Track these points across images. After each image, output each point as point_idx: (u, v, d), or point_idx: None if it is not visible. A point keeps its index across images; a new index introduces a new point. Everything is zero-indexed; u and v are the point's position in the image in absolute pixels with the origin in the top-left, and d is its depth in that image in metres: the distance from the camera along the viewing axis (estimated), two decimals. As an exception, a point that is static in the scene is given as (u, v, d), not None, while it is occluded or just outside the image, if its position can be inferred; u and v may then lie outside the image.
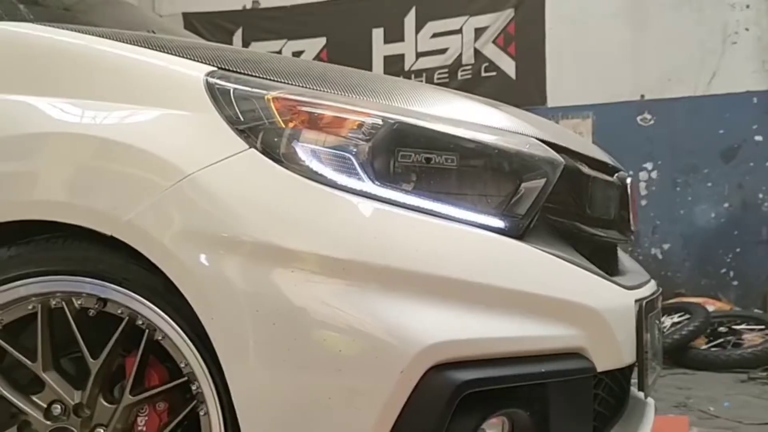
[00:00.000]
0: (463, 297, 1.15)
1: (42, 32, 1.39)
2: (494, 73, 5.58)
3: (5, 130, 1.26)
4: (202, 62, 1.32)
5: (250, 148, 1.19)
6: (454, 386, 1.09)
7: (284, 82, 1.30)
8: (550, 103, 5.47)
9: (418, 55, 5.73)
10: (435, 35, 5.69)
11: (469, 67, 5.60)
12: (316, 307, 1.10)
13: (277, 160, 1.18)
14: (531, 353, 1.20)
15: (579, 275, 1.28)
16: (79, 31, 1.41)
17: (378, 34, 5.80)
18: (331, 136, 1.22)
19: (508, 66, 5.57)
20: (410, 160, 1.22)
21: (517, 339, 1.18)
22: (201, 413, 1.19)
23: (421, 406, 1.09)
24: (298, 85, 1.30)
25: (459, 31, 5.62)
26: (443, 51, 5.66)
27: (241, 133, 1.20)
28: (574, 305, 1.24)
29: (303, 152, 1.20)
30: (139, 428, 1.24)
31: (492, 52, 5.59)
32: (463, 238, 1.19)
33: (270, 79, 1.29)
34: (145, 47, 1.37)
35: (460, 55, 5.62)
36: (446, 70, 5.63)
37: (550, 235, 1.34)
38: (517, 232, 1.24)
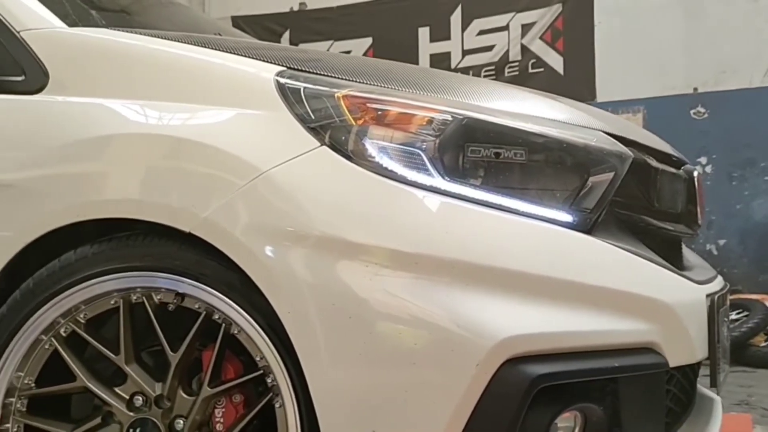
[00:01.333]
0: (534, 291, 1.16)
1: (118, 37, 1.44)
2: (541, 69, 5.53)
3: (88, 132, 1.31)
4: (271, 63, 1.35)
5: (322, 145, 1.21)
6: (530, 380, 1.09)
7: (352, 80, 1.32)
8: (600, 98, 5.39)
9: (465, 52, 5.71)
10: (481, 32, 5.66)
11: (516, 63, 5.56)
12: (391, 301, 1.12)
13: (348, 157, 1.20)
14: (604, 348, 1.19)
15: (650, 270, 1.27)
16: (152, 35, 1.45)
17: (424, 32, 5.80)
18: (401, 133, 1.23)
19: (556, 61, 5.52)
20: (479, 155, 1.23)
21: (591, 333, 1.17)
22: (276, 405, 1.22)
23: (496, 400, 1.10)
24: (366, 83, 1.32)
25: (505, 28, 5.59)
26: (490, 48, 5.63)
27: (312, 130, 1.23)
28: (647, 300, 1.23)
29: (373, 149, 1.21)
30: (217, 420, 1.27)
31: (539, 47, 5.54)
32: (534, 232, 1.20)
33: (338, 78, 1.32)
34: (215, 49, 1.40)
35: (507, 51, 5.59)
36: (493, 67, 5.60)
37: (618, 229, 1.34)
38: (586, 226, 1.24)
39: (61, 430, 1.30)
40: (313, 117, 1.24)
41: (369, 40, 5.95)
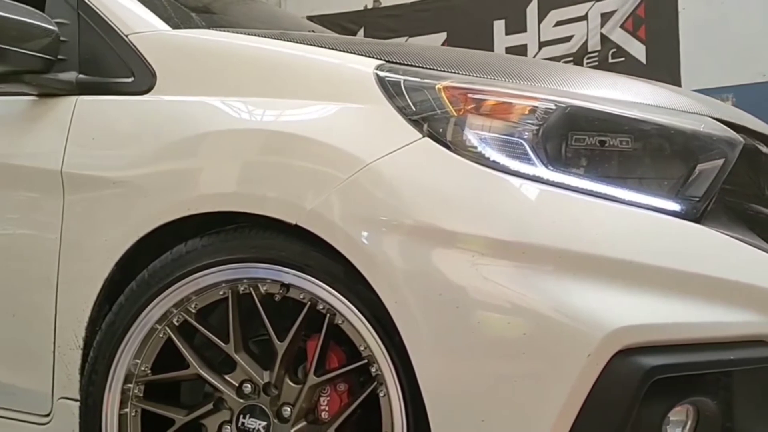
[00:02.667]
0: (643, 281, 1.13)
1: (220, 37, 1.49)
2: (623, 59, 5.38)
3: (196, 129, 1.36)
4: (369, 57, 1.37)
5: (424, 137, 1.22)
6: (643, 371, 1.07)
7: (451, 72, 1.32)
8: (685, 86, 5.19)
9: (541, 44, 5.62)
10: (558, 23, 5.55)
11: (596, 53, 5.43)
12: (498, 291, 1.12)
13: (450, 148, 1.21)
14: (717, 340, 1.16)
15: (762, 259, 1.22)
16: (251, 34, 1.50)
17: (499, 26, 5.74)
18: (502, 122, 1.23)
19: (638, 50, 5.36)
20: (583, 143, 1.21)
21: (703, 325, 1.14)
22: (380, 395, 1.23)
23: (608, 392, 1.08)
24: (465, 74, 1.32)
25: (584, 18, 5.46)
26: (568, 39, 5.52)
27: (413, 122, 1.24)
28: (759, 291, 1.18)
29: (474, 139, 1.22)
30: (322, 408, 1.30)
31: (620, 36, 5.39)
32: (641, 221, 1.17)
33: (437, 70, 1.32)
34: (313, 46, 1.43)
35: (586, 42, 5.46)
36: (571, 58, 5.48)
37: (728, 217, 1.29)
38: (694, 215, 1.20)
39: (175, 414, 1.35)
40: (413, 109, 1.25)
41: (443, 35, 5.93)
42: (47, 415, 1.51)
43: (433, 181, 1.19)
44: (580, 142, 1.21)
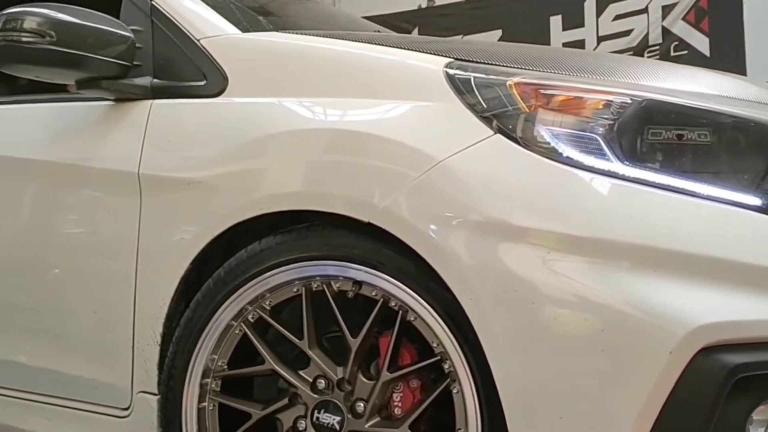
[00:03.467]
0: (723, 277, 1.10)
1: (289, 39, 1.52)
2: (685, 52, 5.23)
3: (268, 129, 1.39)
4: (437, 55, 1.37)
5: (496, 133, 1.22)
6: (727, 369, 1.05)
7: (520, 68, 1.32)
8: (751, 78, 5.03)
9: (600, 39, 5.51)
10: (618, 17, 5.44)
11: (657, 47, 5.30)
12: (575, 288, 1.11)
13: (522, 144, 1.20)
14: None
15: None
16: (319, 35, 1.52)
17: (556, 21, 5.65)
18: (575, 118, 1.22)
19: (701, 43, 5.20)
20: (660, 137, 1.19)
21: (789, 322, 1.10)
22: (454, 391, 1.23)
23: (690, 390, 1.06)
24: (535, 70, 1.31)
25: (644, 11, 5.34)
26: (627, 33, 5.40)
27: (484, 119, 1.24)
28: None
29: (547, 135, 1.21)
30: (395, 404, 1.31)
31: (682, 29, 5.24)
32: (722, 216, 1.15)
33: (507, 66, 1.32)
34: (381, 45, 1.45)
35: (647, 35, 5.33)
36: (631, 52, 5.36)
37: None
38: (776, 209, 1.17)
39: (252, 409, 1.39)
40: (485, 106, 1.25)
41: (498, 33, 5.88)
42: (127, 409, 1.56)
43: (506, 178, 1.19)
44: (656, 137, 1.19)
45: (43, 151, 1.78)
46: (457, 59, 1.35)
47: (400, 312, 1.28)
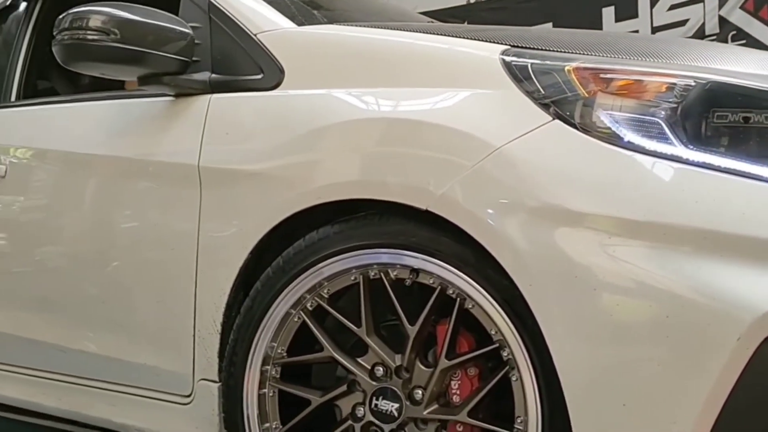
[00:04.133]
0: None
1: (344, 31, 1.53)
2: (744, 42, 5.06)
3: (325, 120, 1.41)
4: (493, 43, 1.36)
5: (554, 119, 1.21)
6: (799, 358, 1.02)
7: (578, 53, 1.30)
8: (814, 67, 4.84)
9: (654, 30, 5.38)
10: (672, 7, 5.30)
11: (714, 36, 5.15)
12: (638, 274, 1.09)
13: (582, 129, 1.19)
14: None
15: None
16: (373, 27, 1.53)
17: (608, 12, 5.54)
18: (636, 102, 1.20)
19: (761, 32, 5.03)
20: (726, 120, 1.16)
21: None
22: (513, 379, 1.23)
23: (758, 378, 1.03)
24: (593, 55, 1.30)
25: (700, 0, 5.20)
26: (683, 23, 5.26)
27: (542, 105, 1.23)
28: None
29: (607, 119, 1.19)
30: (453, 392, 1.31)
31: (740, 18, 5.08)
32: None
33: (564, 52, 1.30)
34: (434, 34, 1.45)
35: (703, 25, 5.18)
36: (687, 42, 5.24)
37: None
38: None
39: (311, 395, 1.41)
40: (543, 92, 1.24)
41: (549, 26, 5.80)
42: (189, 396, 1.60)
43: (564, 163, 1.18)
44: (722, 120, 1.16)
45: (106, 147, 1.83)
46: (513, 46, 1.34)
47: (458, 300, 1.28)
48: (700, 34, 5.24)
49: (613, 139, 1.17)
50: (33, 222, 2.02)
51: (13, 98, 2.26)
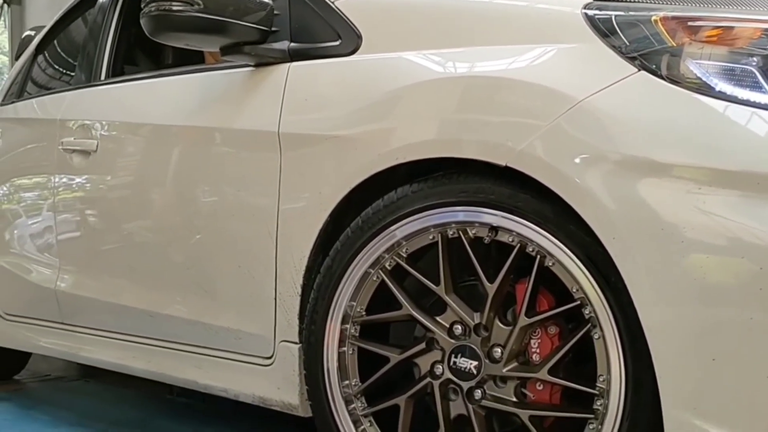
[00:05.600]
0: None
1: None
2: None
3: (402, 82, 1.42)
4: (573, -3, 1.34)
5: (640, 70, 1.18)
6: None
7: (662, 3, 1.26)
8: None
9: None
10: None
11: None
12: (729, 226, 1.05)
13: (670, 80, 1.16)
14: None
15: None
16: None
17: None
18: (727, 50, 1.16)
19: None
20: (824, 67, 1.10)
21: None
22: (594, 337, 1.21)
23: None
24: (680, 4, 1.26)
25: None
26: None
27: (627, 57, 1.20)
28: None
29: (697, 69, 1.15)
30: (533, 351, 1.30)
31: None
32: None
33: (647, 2, 1.27)
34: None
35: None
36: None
37: None
38: None
39: (390, 353, 1.42)
40: (628, 44, 1.21)
41: None
42: (270, 357, 1.65)
43: (650, 115, 1.15)
44: (819, 66, 1.10)
45: (188, 118, 1.90)
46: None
47: (538, 257, 1.26)
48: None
49: (704, 89, 1.13)
50: (122, 193, 2.12)
51: (102, 78, 2.37)
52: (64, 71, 2.74)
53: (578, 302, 1.23)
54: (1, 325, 2.68)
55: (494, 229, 1.30)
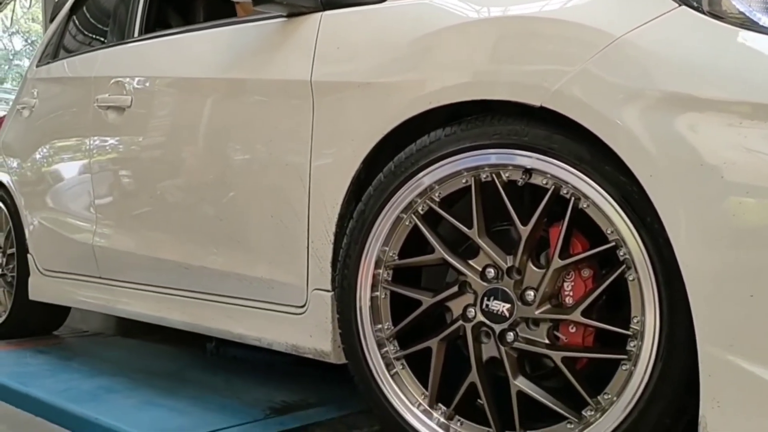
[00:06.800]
0: None
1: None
2: None
3: (431, 26, 1.41)
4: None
5: (681, 5, 1.15)
6: None
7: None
8: None
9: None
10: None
11: None
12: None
13: (713, 16, 1.13)
14: None
15: None
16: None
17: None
18: (771, -18, 1.12)
19: None
20: None
21: None
22: (629, 279, 1.20)
23: None
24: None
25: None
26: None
27: (667, -6, 1.17)
28: None
29: (740, 4, 1.12)
30: (566, 293, 1.30)
31: None
32: None
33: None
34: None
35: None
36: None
37: None
38: None
39: (423, 296, 1.43)
40: (668, -22, 1.18)
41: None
42: (302, 306, 1.67)
43: (691, 50, 1.12)
44: None
45: (221, 70, 1.91)
46: None
47: (572, 199, 1.25)
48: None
49: (747, 24, 1.10)
50: (156, 146, 2.15)
51: (135, 35, 2.39)
52: (98, 31, 2.77)
53: (613, 244, 1.22)
54: (41, 280, 2.75)
55: (528, 171, 1.29)
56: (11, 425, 1.97)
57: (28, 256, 2.82)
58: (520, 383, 1.31)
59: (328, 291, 1.59)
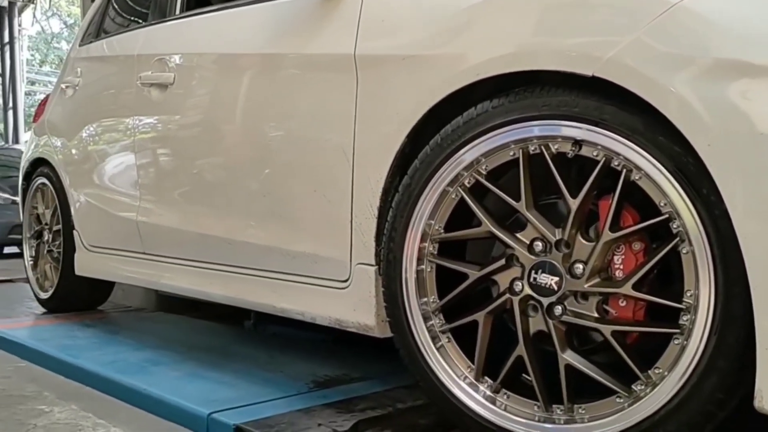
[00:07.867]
0: None
1: None
2: None
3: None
4: None
5: (737, -30, 1.11)
6: None
7: None
8: None
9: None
10: None
11: None
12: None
13: (770, -21, 1.09)
14: None
15: None
16: None
17: None
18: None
19: None
20: None
21: None
22: (683, 252, 1.18)
23: None
24: None
25: None
26: None
27: (726, -41, 1.13)
28: None
29: (800, -33, 1.08)
30: (616, 267, 1.28)
31: None
32: None
33: None
34: None
35: None
36: None
37: None
38: None
39: (469, 270, 1.42)
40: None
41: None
42: (346, 281, 1.67)
43: (751, 16, 1.09)
44: None
45: (262, 45, 1.92)
46: None
47: (624, 171, 1.23)
48: None
49: (806, -13, 1.07)
50: (199, 120, 2.16)
51: (177, 12, 2.40)
52: (139, 10, 2.79)
53: (666, 216, 1.19)
54: (87, 256, 2.81)
55: (578, 143, 1.27)
56: (61, 394, 2.03)
57: (74, 232, 2.88)
58: (569, 357, 1.30)
59: (371, 265, 1.60)
